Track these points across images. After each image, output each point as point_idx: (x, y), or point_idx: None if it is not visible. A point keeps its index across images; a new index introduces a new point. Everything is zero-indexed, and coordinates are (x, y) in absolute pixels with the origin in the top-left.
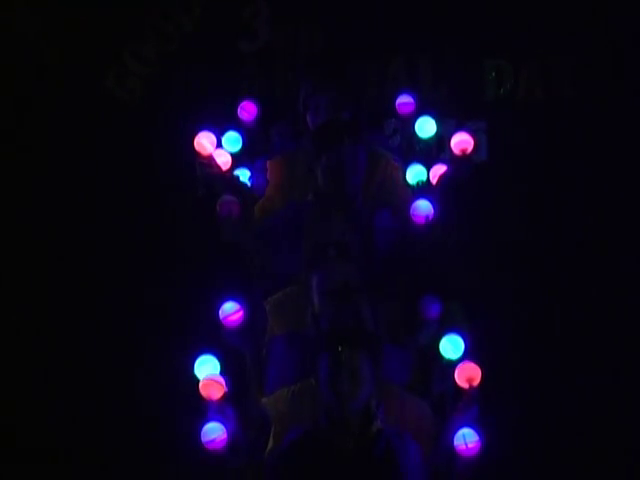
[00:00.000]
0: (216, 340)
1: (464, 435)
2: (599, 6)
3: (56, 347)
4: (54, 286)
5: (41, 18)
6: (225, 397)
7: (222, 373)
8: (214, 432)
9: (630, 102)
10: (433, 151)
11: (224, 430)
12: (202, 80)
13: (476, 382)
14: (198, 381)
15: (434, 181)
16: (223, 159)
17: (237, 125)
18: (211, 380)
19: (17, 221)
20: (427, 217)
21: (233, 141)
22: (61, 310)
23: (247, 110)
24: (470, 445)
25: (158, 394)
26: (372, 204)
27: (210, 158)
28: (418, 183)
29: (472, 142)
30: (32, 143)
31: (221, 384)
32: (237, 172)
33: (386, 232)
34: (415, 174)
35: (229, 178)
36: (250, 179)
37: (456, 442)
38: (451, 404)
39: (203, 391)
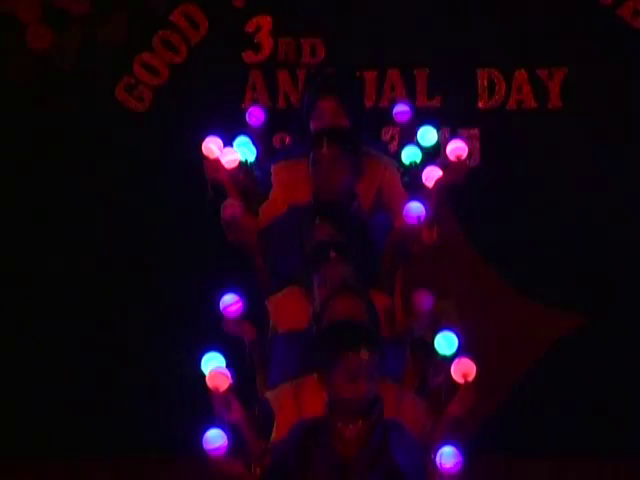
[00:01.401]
0: (222, 338)
1: (442, 455)
2: (592, 16)
3: (58, 342)
4: (60, 285)
5: (52, 30)
6: (231, 389)
7: (229, 368)
8: (215, 440)
9: (621, 112)
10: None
11: (225, 437)
12: (208, 90)
13: (471, 377)
14: (204, 377)
15: (429, 184)
16: (231, 157)
17: (245, 132)
18: (218, 372)
19: (30, 227)
20: (419, 218)
21: (245, 146)
22: (64, 308)
23: (255, 116)
24: (447, 466)
25: (164, 391)
26: (370, 208)
27: (217, 162)
28: (411, 164)
29: (466, 149)
30: (43, 153)
31: (227, 376)
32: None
33: (382, 234)
34: (408, 155)
35: (238, 170)
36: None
37: (436, 460)
38: (446, 399)
39: (210, 382)
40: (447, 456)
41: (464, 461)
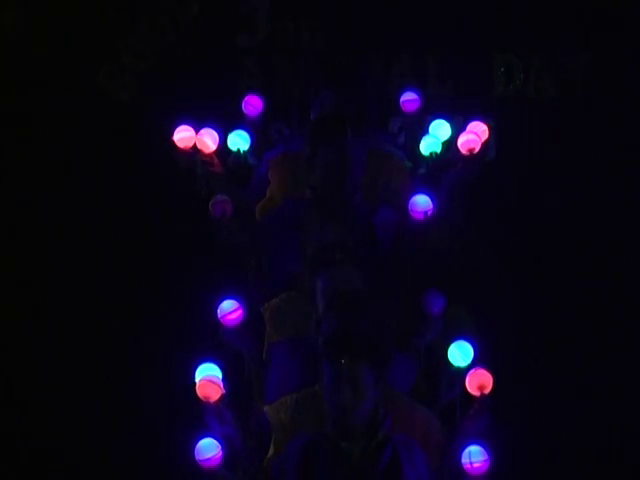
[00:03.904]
0: (216, 345)
1: (470, 453)
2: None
3: (51, 351)
4: (48, 288)
5: (33, 13)
6: (223, 399)
7: (223, 379)
8: (209, 450)
9: None
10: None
11: (219, 447)
12: (199, 76)
13: (488, 390)
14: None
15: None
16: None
17: (240, 121)
18: (209, 381)
19: (11, 220)
20: (426, 213)
21: (239, 137)
22: (55, 313)
23: (252, 104)
24: (476, 464)
25: (157, 401)
26: (375, 203)
27: (212, 156)
28: (431, 154)
29: (479, 141)
30: (24, 141)
31: (219, 385)
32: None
33: (387, 229)
34: (428, 145)
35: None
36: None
37: (463, 460)
38: (460, 413)
39: (200, 392)
40: (474, 455)
41: (492, 460)
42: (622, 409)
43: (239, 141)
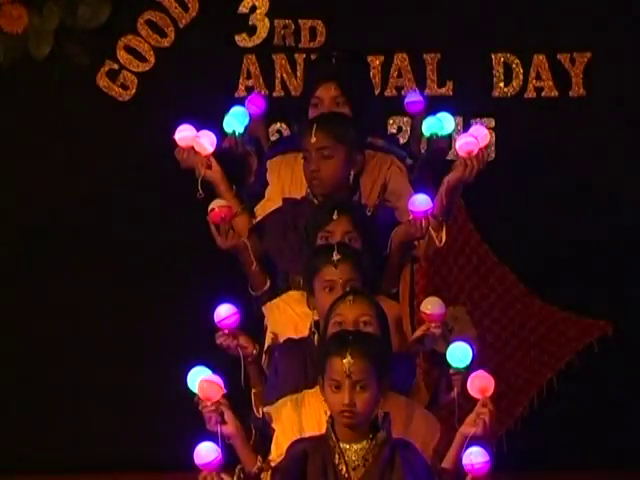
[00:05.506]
0: (212, 349)
1: (471, 454)
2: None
3: (50, 352)
4: (47, 288)
5: (27, 11)
6: (224, 399)
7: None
8: (209, 454)
9: None
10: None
11: (219, 451)
12: (199, 76)
13: (489, 393)
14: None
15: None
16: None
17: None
18: (210, 381)
19: (11, 221)
20: (426, 212)
21: (236, 117)
22: (54, 314)
23: (255, 104)
24: (477, 465)
25: (151, 403)
26: (373, 204)
27: (210, 158)
28: (432, 135)
29: (478, 144)
30: (24, 142)
31: (220, 385)
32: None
33: (387, 229)
34: (429, 126)
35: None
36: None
37: (464, 461)
38: (460, 415)
39: (201, 392)
40: (475, 455)
41: (492, 461)
42: (622, 411)
43: (235, 123)
